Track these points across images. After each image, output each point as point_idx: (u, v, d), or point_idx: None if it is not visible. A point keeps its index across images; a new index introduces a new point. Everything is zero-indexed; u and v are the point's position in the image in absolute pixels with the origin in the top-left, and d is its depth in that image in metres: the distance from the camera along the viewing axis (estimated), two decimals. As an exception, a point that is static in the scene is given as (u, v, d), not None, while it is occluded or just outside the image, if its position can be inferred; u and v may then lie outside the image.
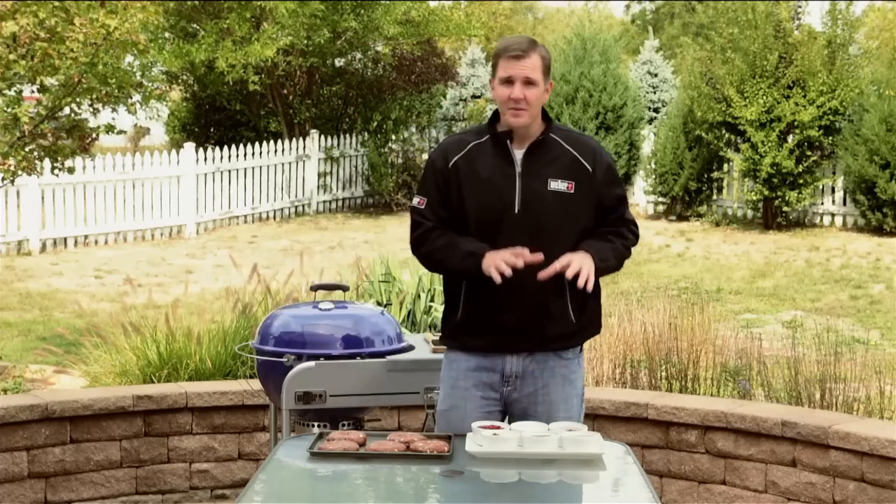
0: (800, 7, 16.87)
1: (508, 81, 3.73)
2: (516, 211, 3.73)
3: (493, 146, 3.79)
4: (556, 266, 3.63)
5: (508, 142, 3.78)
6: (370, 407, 4.53)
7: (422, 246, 3.84)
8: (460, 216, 3.78)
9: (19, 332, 9.79)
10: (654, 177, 17.88)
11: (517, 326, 3.76)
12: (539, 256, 3.64)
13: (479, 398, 3.81)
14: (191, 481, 5.63)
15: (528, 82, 3.71)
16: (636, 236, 3.92)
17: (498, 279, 3.62)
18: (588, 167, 3.78)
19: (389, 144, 19.80)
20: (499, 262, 3.63)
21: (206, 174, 16.69)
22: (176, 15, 17.85)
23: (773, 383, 6.03)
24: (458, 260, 3.75)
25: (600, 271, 3.72)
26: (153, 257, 14.32)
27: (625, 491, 3.29)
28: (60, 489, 5.39)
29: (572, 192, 3.75)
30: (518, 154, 3.78)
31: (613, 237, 3.83)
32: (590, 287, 3.65)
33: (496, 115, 3.84)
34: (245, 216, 17.44)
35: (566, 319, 3.79)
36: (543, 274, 3.63)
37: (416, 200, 3.85)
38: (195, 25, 18.35)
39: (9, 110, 7.44)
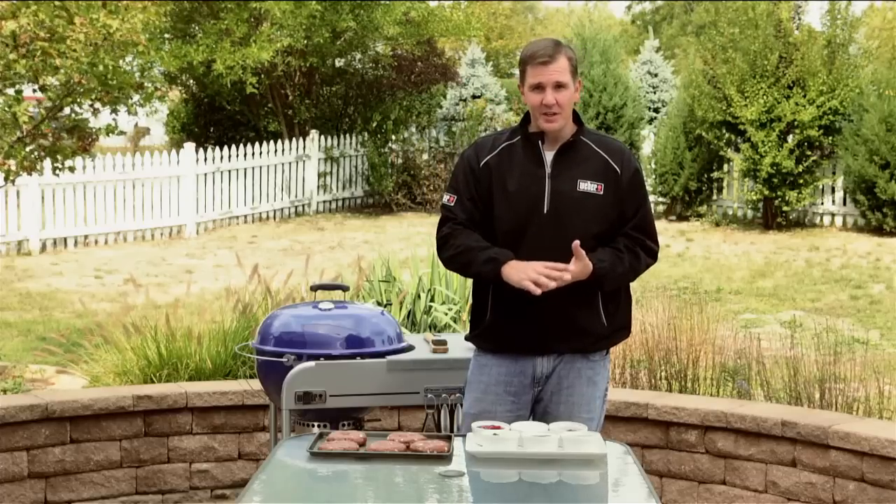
0: (799, 7, 16.87)
1: (539, 87, 3.74)
2: (545, 212, 3.75)
3: (524, 147, 3.81)
4: (571, 268, 3.64)
5: (540, 143, 3.80)
6: (370, 407, 4.53)
7: (445, 248, 3.84)
8: (489, 215, 3.80)
9: (19, 332, 9.79)
10: (654, 177, 17.87)
11: (547, 327, 3.77)
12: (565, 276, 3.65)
13: (511, 402, 3.85)
14: (191, 481, 5.63)
15: (559, 86, 3.73)
16: (650, 254, 3.85)
17: (536, 291, 3.61)
18: (617, 169, 3.79)
19: (389, 144, 19.80)
20: (535, 277, 3.61)
21: (206, 174, 16.69)
22: (174, 16, 17.86)
23: (772, 383, 6.03)
24: (480, 263, 3.75)
25: (598, 278, 3.72)
26: (153, 257, 14.32)
27: (625, 491, 3.29)
28: (60, 489, 5.39)
29: (602, 193, 3.76)
30: (549, 156, 3.79)
31: (625, 251, 3.80)
32: (536, 291, 3.63)
33: (527, 117, 3.86)
34: (245, 216, 17.44)
35: (598, 321, 3.80)
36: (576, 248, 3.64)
37: (445, 198, 3.87)
38: (194, 26, 18.35)
39: (9, 110, 7.44)
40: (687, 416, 5.37)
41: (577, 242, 3.64)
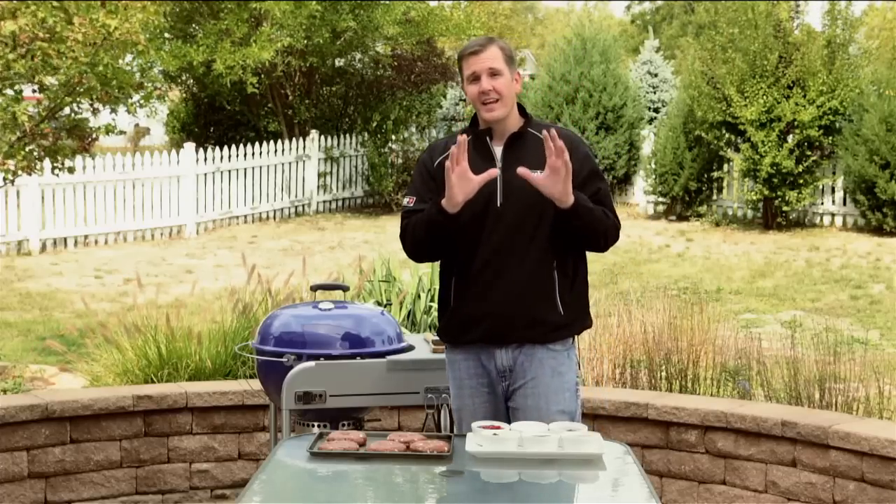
0: (799, 7, 16.87)
1: (475, 78, 3.83)
2: (499, 204, 3.81)
3: (474, 144, 3.86)
4: (552, 146, 3.61)
5: (488, 138, 3.87)
6: (370, 407, 4.53)
7: (405, 239, 3.90)
8: None
9: (19, 332, 9.79)
10: (654, 177, 17.88)
11: (505, 314, 3.80)
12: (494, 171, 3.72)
13: (486, 395, 3.90)
14: (191, 481, 5.64)
15: (493, 73, 3.81)
16: (614, 226, 3.86)
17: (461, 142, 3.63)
18: None
19: (389, 144, 19.80)
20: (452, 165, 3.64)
21: (206, 174, 16.69)
22: (174, 16, 17.85)
23: (772, 383, 6.03)
24: (426, 217, 3.77)
25: (576, 209, 3.70)
26: (153, 257, 14.32)
27: (625, 491, 3.29)
28: (60, 489, 5.39)
29: None
30: (498, 149, 3.86)
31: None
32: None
33: (476, 118, 3.93)
34: (245, 216, 17.44)
35: (554, 309, 3.82)
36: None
37: (405, 201, 3.94)
38: (194, 26, 18.35)
39: (9, 110, 7.44)
40: (687, 416, 5.37)
41: (545, 133, 3.63)
